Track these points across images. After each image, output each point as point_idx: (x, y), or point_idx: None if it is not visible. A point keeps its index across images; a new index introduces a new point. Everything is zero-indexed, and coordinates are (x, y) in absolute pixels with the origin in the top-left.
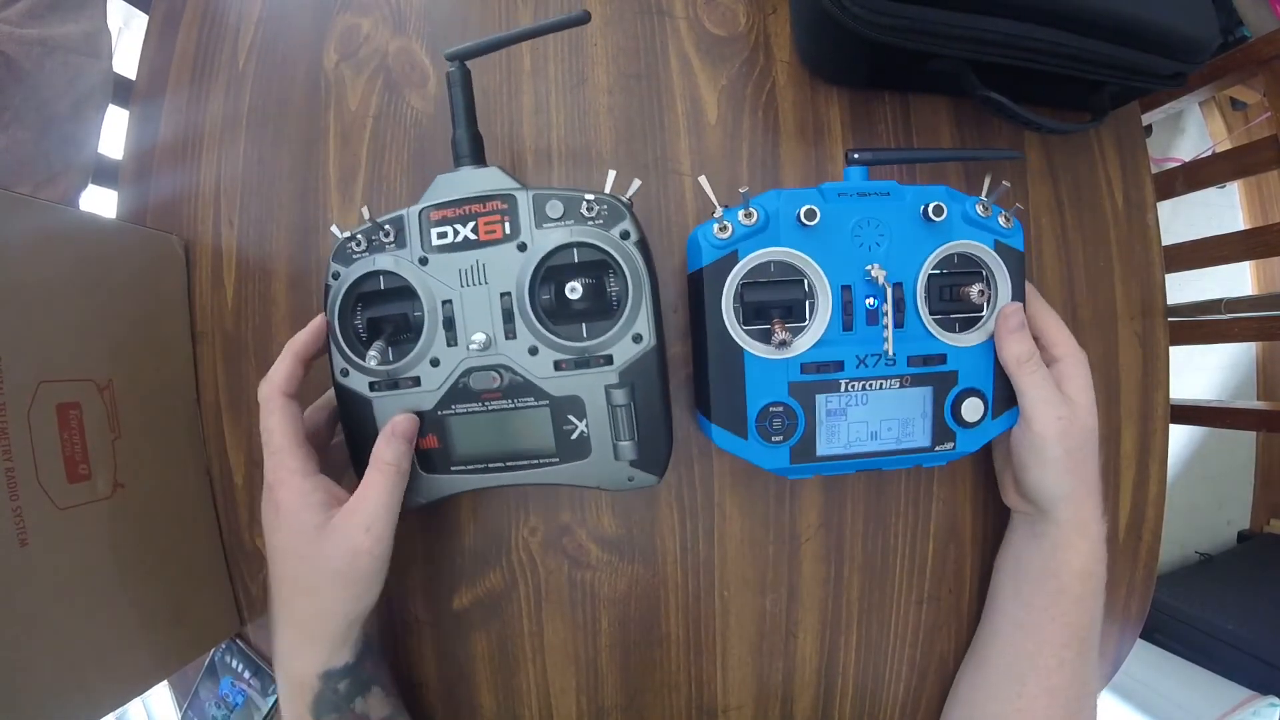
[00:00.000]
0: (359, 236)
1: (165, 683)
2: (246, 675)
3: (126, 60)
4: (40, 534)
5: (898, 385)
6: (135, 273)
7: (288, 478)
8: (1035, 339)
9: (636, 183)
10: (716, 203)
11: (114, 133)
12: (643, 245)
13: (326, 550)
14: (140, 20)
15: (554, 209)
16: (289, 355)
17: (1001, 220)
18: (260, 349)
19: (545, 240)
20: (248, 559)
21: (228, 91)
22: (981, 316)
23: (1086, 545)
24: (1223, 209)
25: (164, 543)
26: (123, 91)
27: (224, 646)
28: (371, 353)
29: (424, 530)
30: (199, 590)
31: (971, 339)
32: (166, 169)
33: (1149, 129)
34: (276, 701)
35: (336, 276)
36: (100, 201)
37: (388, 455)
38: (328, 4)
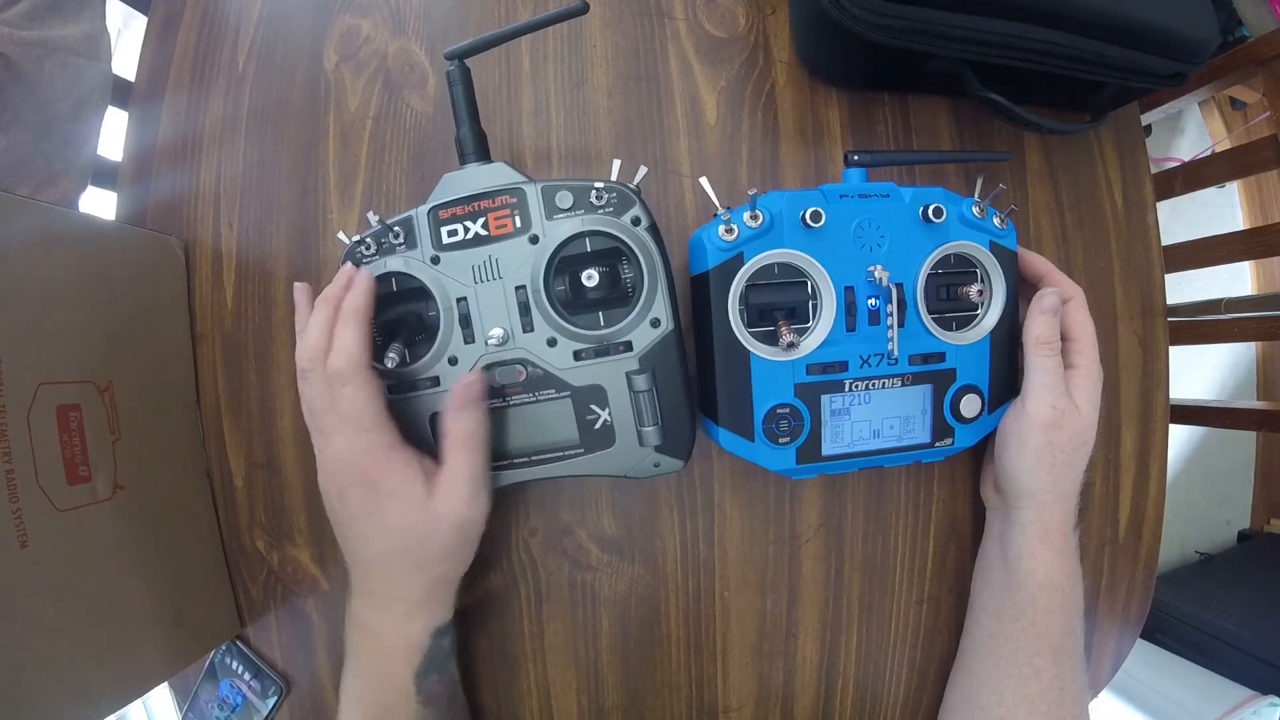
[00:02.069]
0: (368, 240)
1: (165, 684)
2: (246, 677)
3: (126, 62)
4: (40, 536)
5: (899, 384)
6: (135, 274)
7: (386, 455)
8: (1062, 339)
9: (643, 170)
10: (718, 204)
11: (113, 134)
12: (654, 231)
13: (435, 527)
14: (140, 21)
15: (564, 200)
16: (355, 320)
17: (996, 221)
18: (260, 350)
19: (557, 231)
20: (248, 561)
21: (227, 93)
22: (977, 315)
23: (1050, 556)
24: (1222, 209)
25: (164, 545)
26: (122, 93)
27: (224, 648)
28: (390, 354)
29: None
30: (199, 592)
31: (968, 337)
32: (166, 170)
33: (1148, 129)
34: (276, 703)
35: None
36: (100, 203)
37: (465, 424)
38: (327, 5)
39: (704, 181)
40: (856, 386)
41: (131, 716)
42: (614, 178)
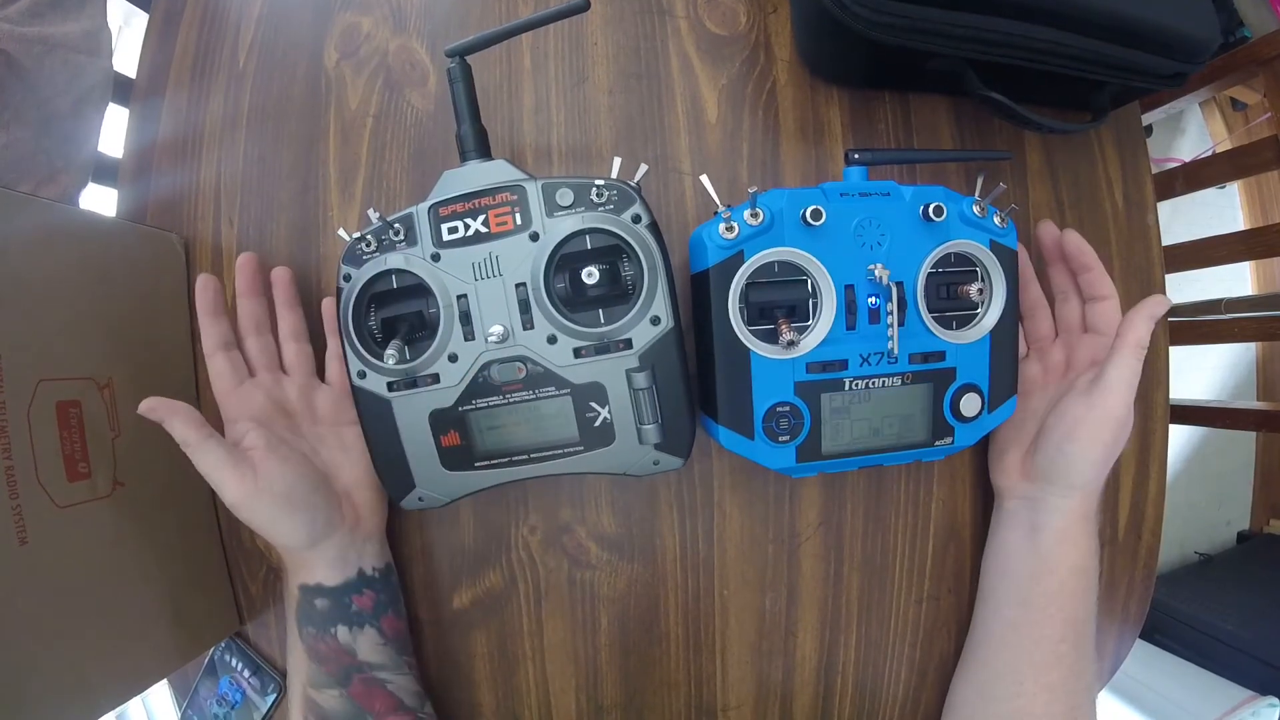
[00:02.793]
0: (369, 237)
1: (165, 681)
2: (246, 674)
3: (127, 59)
4: (40, 533)
5: (899, 383)
6: (135, 271)
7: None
8: (1098, 333)
9: (643, 167)
10: (719, 202)
11: (114, 131)
12: (654, 228)
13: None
14: (140, 19)
15: (564, 197)
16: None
17: (996, 220)
18: None
19: (557, 228)
20: (247, 557)
21: (228, 90)
22: (977, 314)
23: (1085, 540)
24: (1223, 209)
25: (163, 541)
26: (123, 90)
27: (223, 645)
28: (389, 351)
29: (424, 529)
30: (198, 589)
31: (969, 336)
32: (166, 167)
33: (1149, 129)
34: (275, 700)
35: (348, 279)
36: (100, 200)
37: (179, 436)
38: (328, 3)
39: (704, 179)
40: (856, 385)
41: (131, 714)
42: (614, 175)
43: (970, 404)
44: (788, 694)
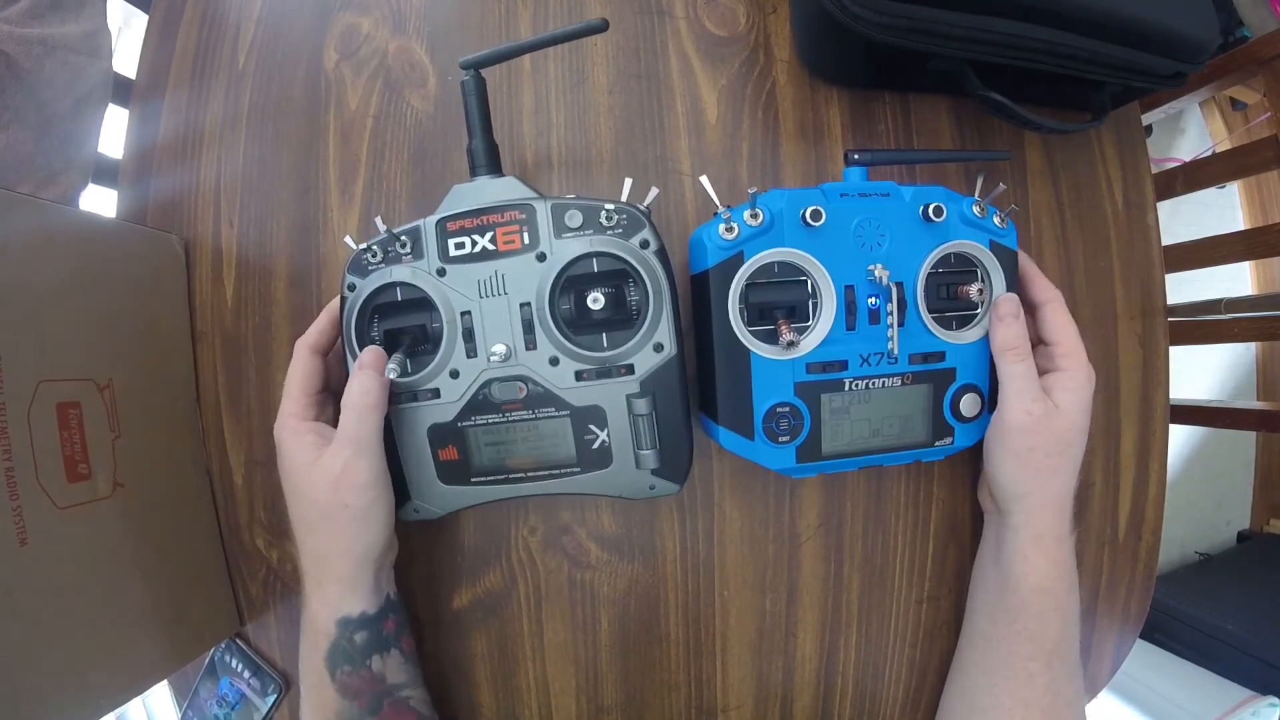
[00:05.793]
0: (375, 248)
1: (165, 682)
2: (246, 675)
3: (126, 60)
4: (40, 534)
5: (899, 383)
6: (135, 272)
7: (286, 420)
8: (1046, 342)
9: (654, 191)
10: (719, 203)
11: (114, 132)
12: (662, 254)
13: (314, 488)
14: (140, 19)
15: (573, 219)
16: (325, 315)
17: (996, 220)
18: (260, 348)
19: (565, 250)
20: (248, 558)
21: (228, 91)
22: (978, 314)
23: (1043, 561)
24: (1223, 209)
25: (164, 542)
26: (123, 91)
27: (223, 646)
28: (391, 365)
29: (423, 529)
30: (199, 590)
31: (968, 336)
32: (166, 168)
33: (1149, 129)
34: (275, 701)
35: (353, 288)
36: (100, 201)
37: (355, 391)
38: (328, 3)
39: (704, 180)
40: (856, 385)
41: (131, 714)
42: (624, 198)
43: (970, 404)
44: (788, 694)
